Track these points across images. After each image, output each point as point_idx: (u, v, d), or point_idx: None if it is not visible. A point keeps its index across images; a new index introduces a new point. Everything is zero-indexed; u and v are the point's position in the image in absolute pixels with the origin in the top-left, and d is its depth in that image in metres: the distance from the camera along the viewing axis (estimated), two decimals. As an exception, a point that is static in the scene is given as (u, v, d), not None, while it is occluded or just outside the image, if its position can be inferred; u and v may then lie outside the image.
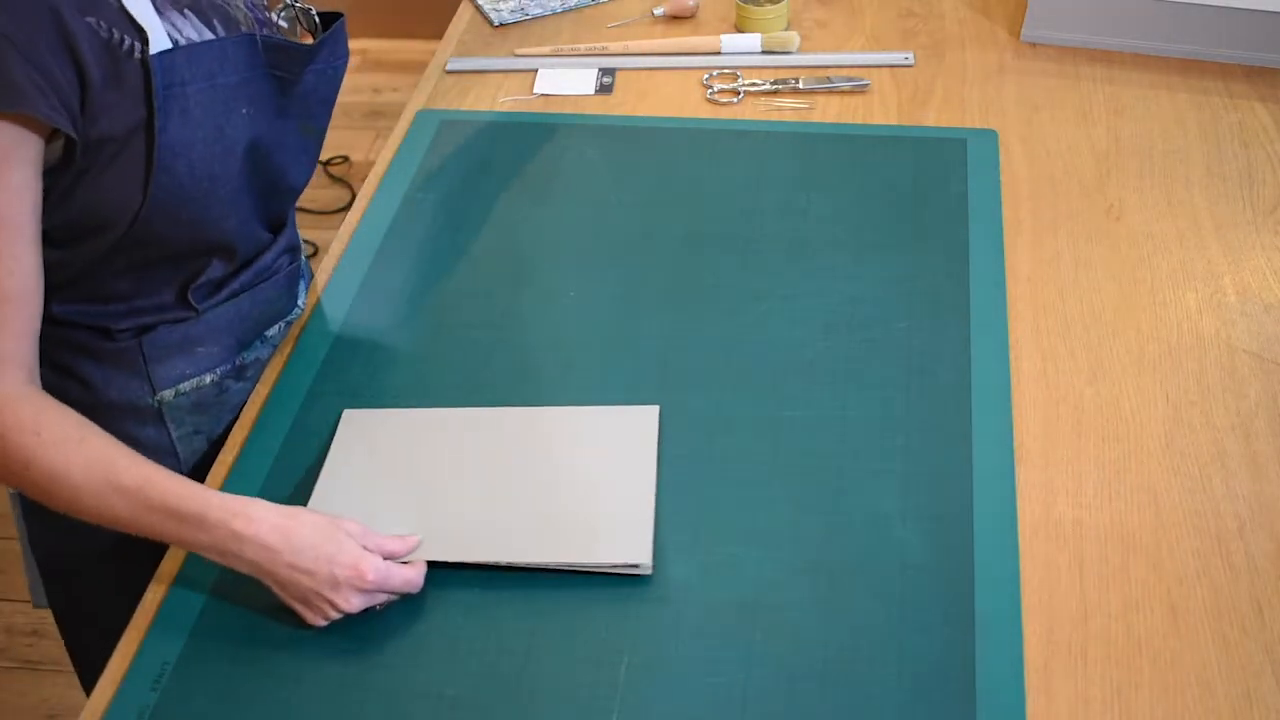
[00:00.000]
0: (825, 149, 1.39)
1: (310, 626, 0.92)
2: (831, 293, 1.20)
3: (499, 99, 1.51)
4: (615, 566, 0.94)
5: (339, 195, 2.84)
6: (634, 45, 1.58)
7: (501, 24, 1.66)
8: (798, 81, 1.49)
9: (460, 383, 1.13)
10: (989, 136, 1.39)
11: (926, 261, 1.23)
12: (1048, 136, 1.40)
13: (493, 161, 1.41)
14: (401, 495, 1.00)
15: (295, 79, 1.02)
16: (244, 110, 0.97)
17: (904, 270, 1.22)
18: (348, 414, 1.08)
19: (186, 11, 0.96)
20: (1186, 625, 0.92)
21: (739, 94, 1.49)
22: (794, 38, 1.56)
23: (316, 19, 1.09)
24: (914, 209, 1.30)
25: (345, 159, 2.93)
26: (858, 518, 0.99)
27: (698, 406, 1.09)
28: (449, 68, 1.57)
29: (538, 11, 1.68)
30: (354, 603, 0.91)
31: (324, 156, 2.91)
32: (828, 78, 1.50)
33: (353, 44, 1.17)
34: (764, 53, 1.56)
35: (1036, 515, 1.00)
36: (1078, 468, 1.04)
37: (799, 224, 1.29)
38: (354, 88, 3.14)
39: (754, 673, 0.89)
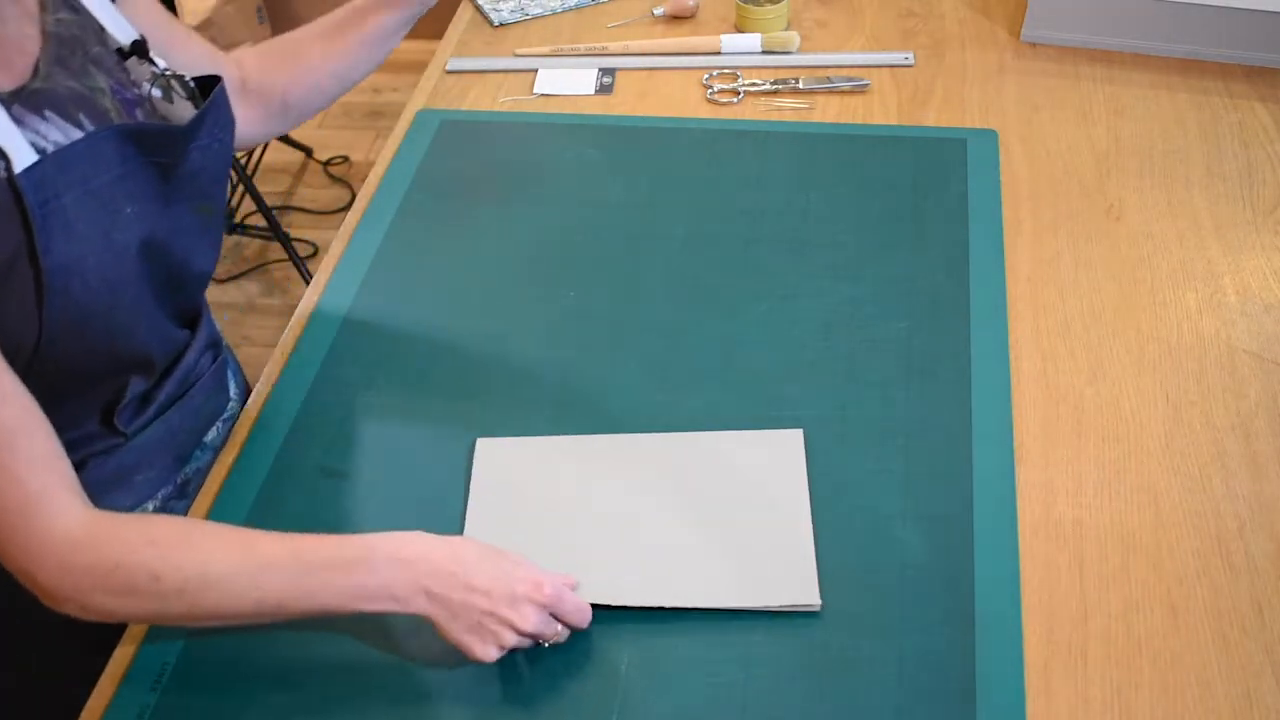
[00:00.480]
0: (825, 149, 1.39)
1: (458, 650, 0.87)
2: (831, 293, 1.20)
3: (499, 99, 1.51)
4: (784, 607, 0.93)
5: (339, 195, 2.84)
6: (634, 45, 1.58)
7: (501, 24, 1.66)
8: (798, 81, 1.49)
9: (461, 382, 1.13)
10: (989, 136, 1.39)
11: (926, 261, 1.23)
12: (1048, 136, 1.40)
13: (493, 161, 1.41)
14: (555, 532, 0.98)
15: (178, 162, 0.92)
16: (128, 209, 0.88)
17: (904, 270, 1.22)
18: (482, 443, 1.06)
19: (48, 114, 0.86)
20: (1186, 625, 0.92)
21: (739, 94, 1.49)
22: (794, 38, 1.56)
23: (193, 86, 0.98)
24: (914, 209, 1.30)
25: (345, 159, 2.93)
26: (858, 518, 0.99)
27: (697, 406, 1.09)
28: (449, 68, 1.57)
29: (538, 11, 1.68)
30: (531, 620, 0.86)
31: (324, 157, 2.92)
32: (828, 78, 1.50)
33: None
34: (764, 53, 1.56)
35: (1036, 515, 1.00)
36: (1078, 468, 1.04)
37: (799, 224, 1.29)
38: (354, 88, 3.14)
39: (754, 673, 0.89)
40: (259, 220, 2.64)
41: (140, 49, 0.96)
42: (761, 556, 0.96)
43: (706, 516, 0.99)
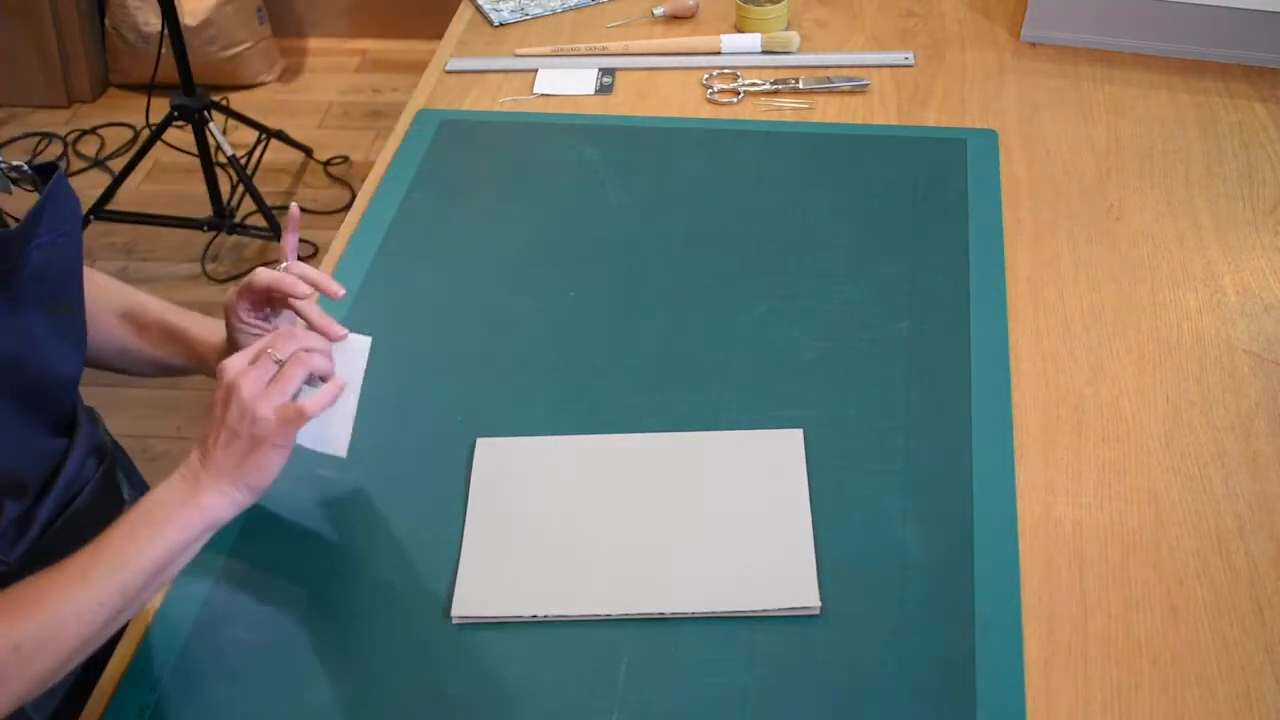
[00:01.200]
0: (825, 149, 1.39)
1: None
2: (831, 293, 1.20)
3: (499, 99, 1.51)
4: (784, 610, 0.93)
5: (339, 195, 2.84)
6: (634, 45, 1.58)
7: (501, 24, 1.66)
8: (798, 81, 1.49)
9: (461, 382, 1.13)
10: (989, 136, 1.39)
11: (926, 261, 1.23)
12: (1048, 136, 1.40)
13: (493, 161, 1.41)
14: (555, 532, 0.98)
15: (16, 266, 0.83)
16: None
17: (904, 270, 1.22)
18: (482, 443, 1.06)
19: None
20: (1186, 625, 0.92)
21: (739, 94, 1.49)
22: (794, 38, 1.56)
23: (32, 173, 0.89)
24: (914, 209, 1.30)
25: (345, 159, 2.93)
26: (858, 518, 0.99)
27: (697, 406, 1.09)
28: (449, 68, 1.57)
29: (538, 11, 1.68)
30: (252, 378, 0.83)
31: (324, 156, 2.92)
32: (828, 78, 1.50)
33: (352, 44, 1.16)
34: (764, 53, 1.56)
35: (1036, 515, 1.00)
36: (1078, 468, 1.04)
37: (799, 224, 1.29)
38: (354, 88, 3.14)
39: (754, 673, 0.89)
40: (259, 220, 2.64)
41: None
42: (761, 558, 0.96)
43: (706, 517, 0.99)
